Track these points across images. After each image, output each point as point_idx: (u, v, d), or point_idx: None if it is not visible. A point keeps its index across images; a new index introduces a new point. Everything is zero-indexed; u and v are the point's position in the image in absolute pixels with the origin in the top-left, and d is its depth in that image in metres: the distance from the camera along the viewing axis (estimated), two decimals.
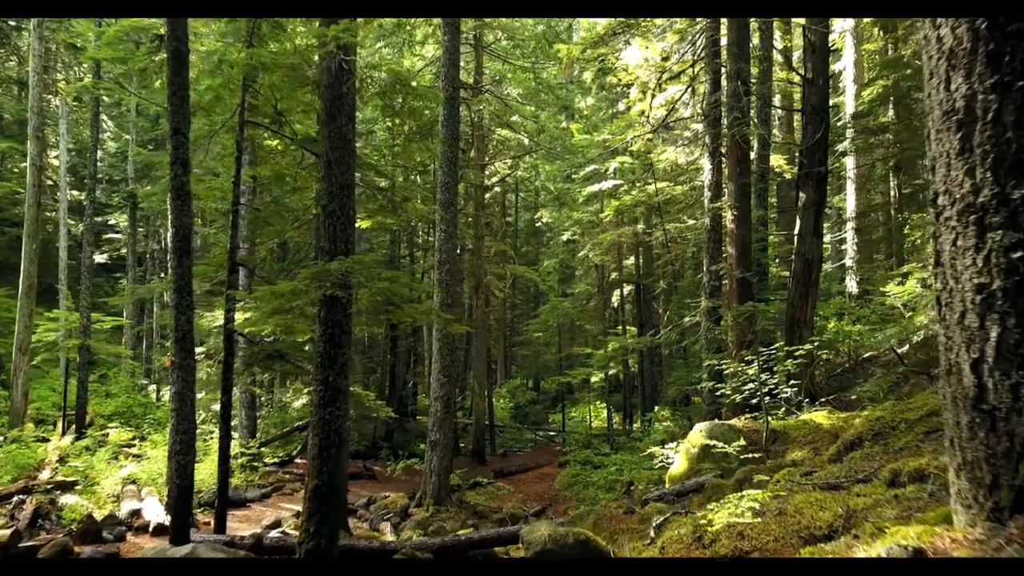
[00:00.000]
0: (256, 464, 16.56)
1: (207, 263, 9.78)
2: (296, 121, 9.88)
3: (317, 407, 6.85)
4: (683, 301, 19.98)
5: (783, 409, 9.43)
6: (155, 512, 11.52)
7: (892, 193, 22.85)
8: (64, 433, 19.53)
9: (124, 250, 33.29)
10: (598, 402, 29.01)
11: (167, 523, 11.42)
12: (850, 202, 21.56)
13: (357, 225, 10.75)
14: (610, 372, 23.82)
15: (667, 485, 9.11)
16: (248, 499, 14.18)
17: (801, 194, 12.44)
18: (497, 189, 28.55)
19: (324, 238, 6.94)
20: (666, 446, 9.59)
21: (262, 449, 19.58)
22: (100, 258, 33.83)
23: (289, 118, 9.64)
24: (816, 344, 8.69)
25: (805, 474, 5.12)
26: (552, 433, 28.67)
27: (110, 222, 35.42)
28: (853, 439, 5.63)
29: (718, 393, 10.19)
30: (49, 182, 29.26)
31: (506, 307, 39.64)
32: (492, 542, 8.27)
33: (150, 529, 11.03)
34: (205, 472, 15.35)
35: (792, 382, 8.95)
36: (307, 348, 10.01)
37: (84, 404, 19.36)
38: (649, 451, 9.81)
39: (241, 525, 12.43)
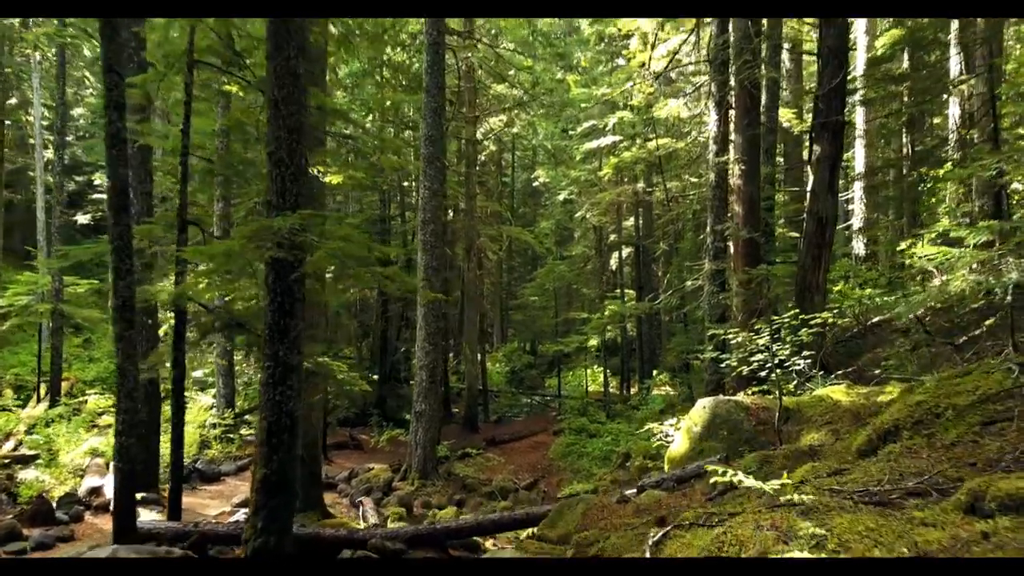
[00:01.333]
0: (233, 436, 15.79)
1: (154, 222, 8.80)
2: (259, 64, 8.81)
3: (266, 386, 5.96)
4: (684, 264, 19.04)
5: (794, 383, 8.56)
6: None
7: (904, 150, 21.74)
8: (39, 401, 18.81)
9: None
10: (595, 366, 28.25)
11: None
12: (859, 159, 20.42)
13: (327, 180, 9.76)
14: (607, 336, 23.01)
15: (666, 467, 8.29)
16: (223, 472, 13.43)
17: (815, 146, 11.39)
18: (492, 148, 27.39)
19: (271, 190, 5.97)
20: (665, 422, 8.75)
21: (246, 417, 18.85)
22: (84, 218, 32.76)
23: (250, 60, 8.58)
24: (836, 312, 7.77)
25: (834, 472, 4.24)
26: (548, 398, 28.01)
27: (95, 182, 34.19)
28: (888, 427, 4.74)
29: (722, 364, 9.32)
30: (31, 140, 28.03)
31: (502, 270, 38.76)
32: (471, 531, 7.47)
33: (111, 508, 10.27)
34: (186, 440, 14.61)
35: (805, 353, 8.05)
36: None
37: (59, 370, 18.56)
38: (647, 427, 8.97)
39: (213, 502, 11.70)
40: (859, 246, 22.02)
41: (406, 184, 25.63)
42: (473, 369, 20.18)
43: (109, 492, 10.68)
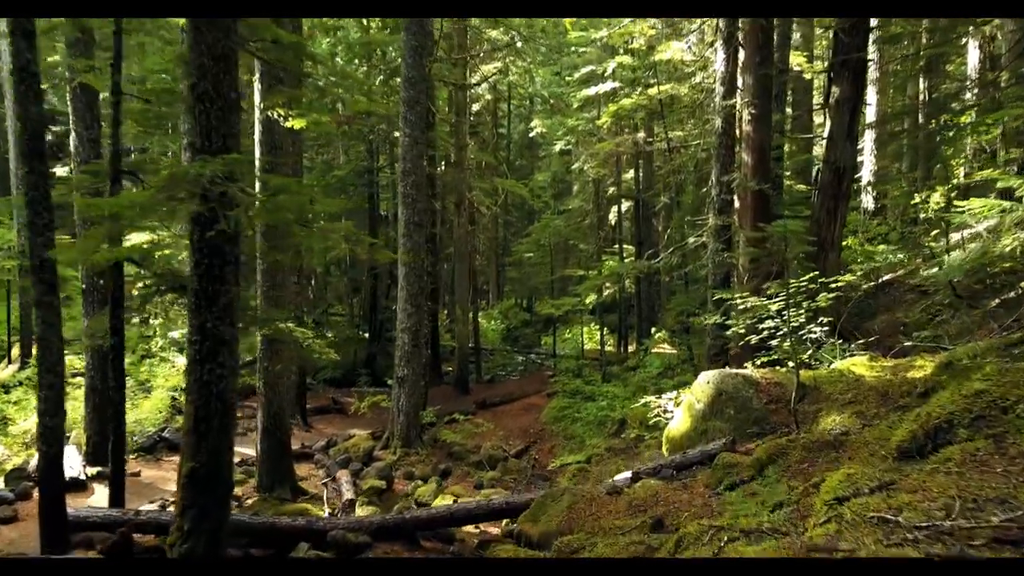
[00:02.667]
0: None
1: (86, 170, 7.77)
2: None
3: (192, 364, 5.04)
4: (686, 219, 17.98)
5: (807, 353, 7.67)
6: (70, 464, 9.95)
7: (920, 96, 20.46)
8: (10, 362, 18.03)
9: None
10: (592, 324, 27.39)
11: (84, 477, 9.94)
12: (870, 106, 19.16)
13: (288, 125, 8.69)
14: (605, 295, 22.07)
15: (664, 447, 7.45)
16: None
17: (834, 87, 10.30)
18: (487, 97, 26.03)
19: (194, 130, 4.95)
20: (664, 396, 7.87)
21: None
22: (62, 171, 31.50)
23: None
24: (860, 274, 6.83)
25: (878, 487, 3.34)
26: (543, 354, 27.25)
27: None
28: (939, 421, 3.85)
29: (727, 331, 8.41)
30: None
31: (498, 224, 37.66)
32: (444, 521, 6.65)
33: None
34: (149, 409, 13.83)
35: (821, 319, 7.13)
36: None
37: (29, 331, 17.70)
38: (645, 400, 8.10)
39: (173, 476, 10.92)
40: (868, 200, 20.94)
41: (397, 134, 24.39)
42: (464, 329, 19.32)
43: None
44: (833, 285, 6.56)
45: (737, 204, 10.58)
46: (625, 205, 24.68)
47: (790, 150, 16.79)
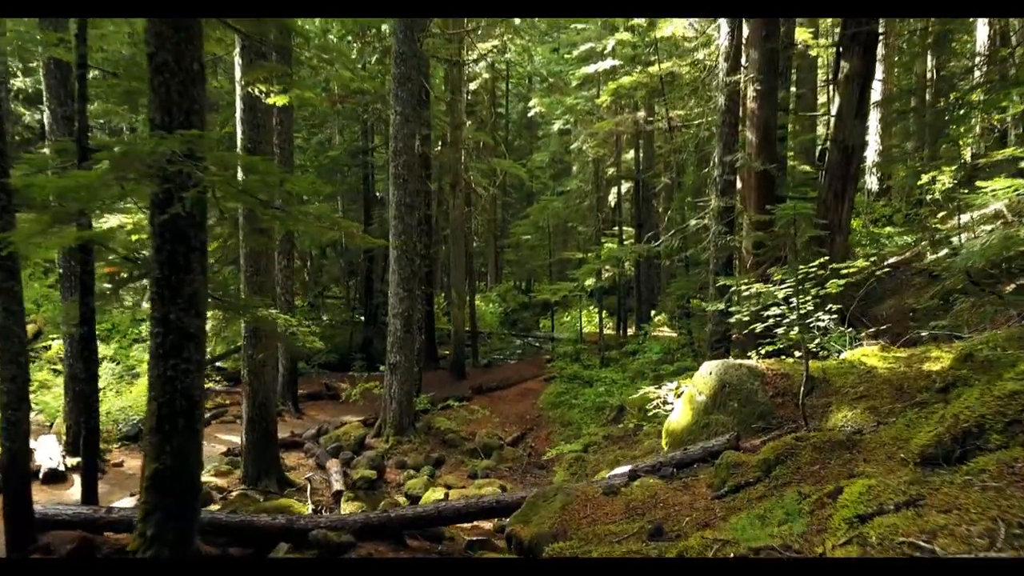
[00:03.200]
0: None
1: (53, 147, 7.35)
2: None
3: (155, 358, 4.67)
4: (686, 200, 17.54)
5: (815, 341, 7.30)
6: (49, 455, 9.65)
7: (929, 74, 19.92)
8: None
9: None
10: (591, 307, 27.03)
11: (63, 468, 9.62)
12: (877, 85, 18.63)
13: (270, 102, 8.26)
14: (604, 277, 21.68)
15: (664, 441, 7.10)
16: None
17: (843, 62, 9.84)
18: (485, 75, 25.47)
19: (152, 104, 4.54)
20: (663, 387, 7.52)
21: (217, 364, 17.73)
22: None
23: None
24: (872, 259, 6.44)
25: (905, 504, 2.97)
26: (542, 338, 26.94)
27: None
28: (968, 425, 3.49)
29: (731, 318, 8.03)
30: None
31: (496, 206, 37.22)
32: (431, 520, 6.32)
33: (40, 476, 9.18)
34: (136, 395, 13.47)
35: (830, 307, 6.75)
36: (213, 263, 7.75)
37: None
38: (643, 390, 7.75)
39: None
40: (873, 181, 20.50)
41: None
42: (460, 313, 18.94)
43: (40, 458, 9.58)
44: (845, 271, 6.17)
45: (740, 185, 10.17)
46: (625, 186, 24.22)
47: (794, 129, 16.35)
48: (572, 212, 25.05)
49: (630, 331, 22.84)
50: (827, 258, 6.18)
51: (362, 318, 24.57)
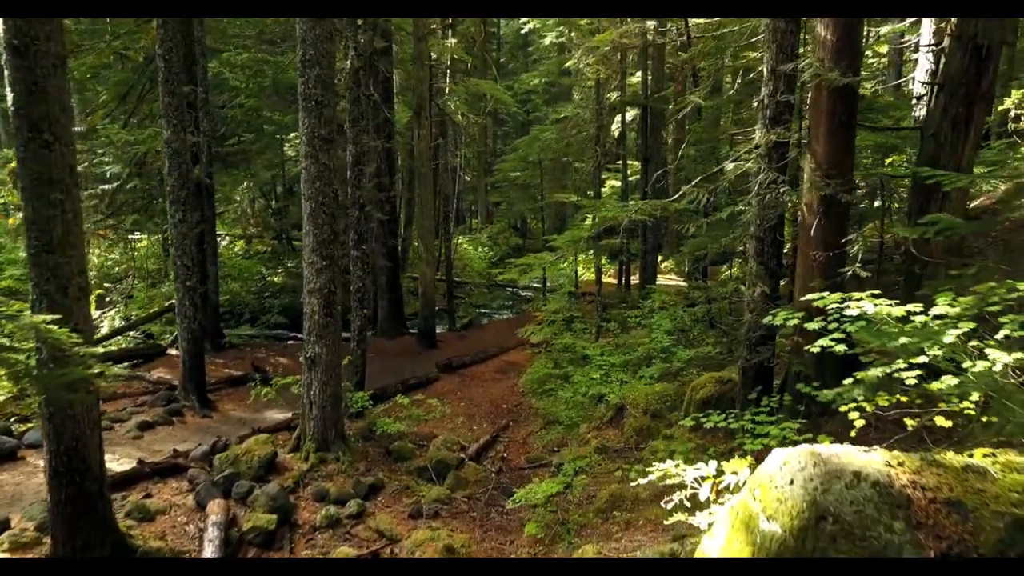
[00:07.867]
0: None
1: None
2: None
3: None
4: (707, 132, 13.93)
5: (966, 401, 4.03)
6: None
7: None
8: None
9: None
10: (589, 250, 23.63)
11: None
12: None
13: None
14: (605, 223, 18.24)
15: None
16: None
17: None
18: None
19: None
20: (689, 471, 4.24)
21: (127, 336, 14.61)
22: None
23: None
24: None
25: None
26: (536, 287, 23.74)
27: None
28: None
29: (789, 323, 4.73)
30: None
31: (487, 137, 33.39)
32: None
33: None
34: None
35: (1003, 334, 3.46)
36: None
37: None
38: (655, 470, 4.51)
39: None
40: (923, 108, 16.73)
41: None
42: (429, 271, 15.63)
43: None
44: None
45: (808, 110, 6.68)
46: (630, 114, 20.50)
47: (881, 34, 12.45)
48: (568, 145, 21.28)
49: (634, 279, 19.52)
50: None
51: None
